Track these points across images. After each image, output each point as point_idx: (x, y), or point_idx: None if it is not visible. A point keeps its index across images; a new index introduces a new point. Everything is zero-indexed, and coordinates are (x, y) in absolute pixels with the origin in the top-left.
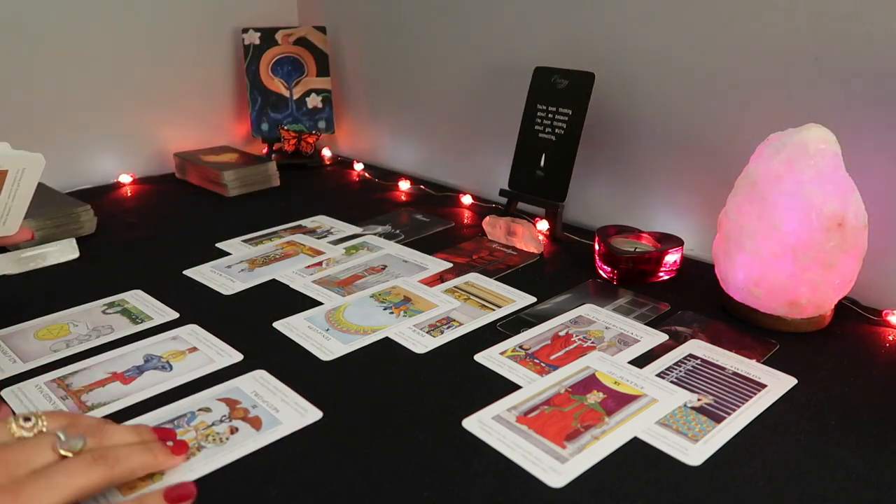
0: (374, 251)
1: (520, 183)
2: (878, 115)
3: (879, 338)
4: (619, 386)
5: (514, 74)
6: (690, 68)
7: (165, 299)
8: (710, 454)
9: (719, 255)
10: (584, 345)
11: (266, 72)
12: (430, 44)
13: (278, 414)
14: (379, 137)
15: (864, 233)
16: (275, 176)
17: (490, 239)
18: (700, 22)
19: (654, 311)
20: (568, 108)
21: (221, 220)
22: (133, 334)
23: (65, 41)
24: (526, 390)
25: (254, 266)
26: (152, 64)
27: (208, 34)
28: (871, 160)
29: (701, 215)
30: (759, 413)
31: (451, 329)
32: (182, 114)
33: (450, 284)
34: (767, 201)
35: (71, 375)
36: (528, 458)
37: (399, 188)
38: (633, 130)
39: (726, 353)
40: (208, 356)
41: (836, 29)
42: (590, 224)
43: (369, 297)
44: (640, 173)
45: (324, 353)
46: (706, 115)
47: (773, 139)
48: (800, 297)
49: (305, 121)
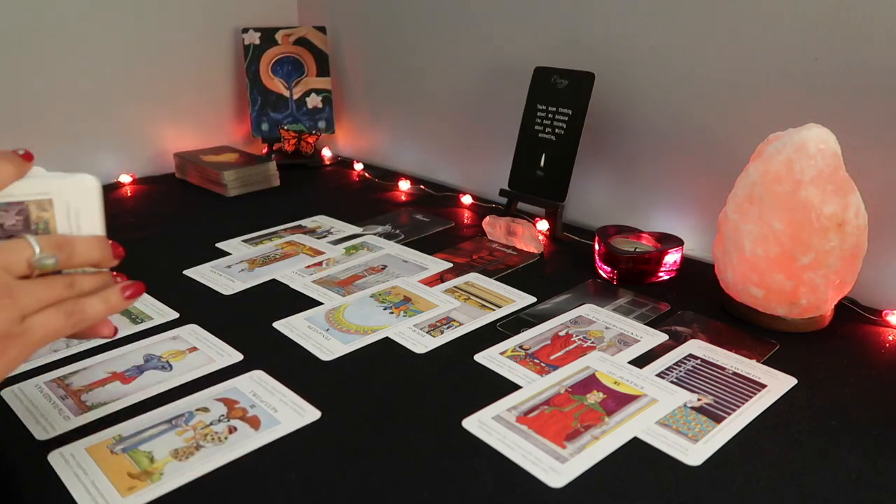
0: (374, 251)
1: (520, 183)
2: (878, 115)
3: (879, 338)
4: (619, 386)
5: (514, 74)
6: (690, 68)
7: (165, 299)
8: (710, 454)
9: (719, 255)
10: (584, 345)
11: (266, 72)
12: (430, 44)
13: (277, 414)
14: (379, 137)
15: (864, 233)
16: (275, 176)
17: (490, 239)
18: (700, 22)
19: (654, 311)
20: (568, 108)
21: (221, 220)
22: (133, 334)
23: (65, 41)
24: (526, 390)
25: (254, 266)
26: (152, 64)
27: (208, 34)
28: (871, 160)
29: (701, 215)
30: (759, 413)
31: (451, 329)
32: (182, 114)
33: (450, 284)
34: (767, 201)
35: (71, 375)
36: (528, 458)
37: (399, 188)
38: (633, 130)
39: (726, 353)
40: (208, 356)
41: (836, 29)
42: (590, 224)
43: (369, 297)
44: (640, 173)
45: (324, 353)
46: (706, 115)
47: (773, 139)
48: (800, 297)
49: (305, 121)
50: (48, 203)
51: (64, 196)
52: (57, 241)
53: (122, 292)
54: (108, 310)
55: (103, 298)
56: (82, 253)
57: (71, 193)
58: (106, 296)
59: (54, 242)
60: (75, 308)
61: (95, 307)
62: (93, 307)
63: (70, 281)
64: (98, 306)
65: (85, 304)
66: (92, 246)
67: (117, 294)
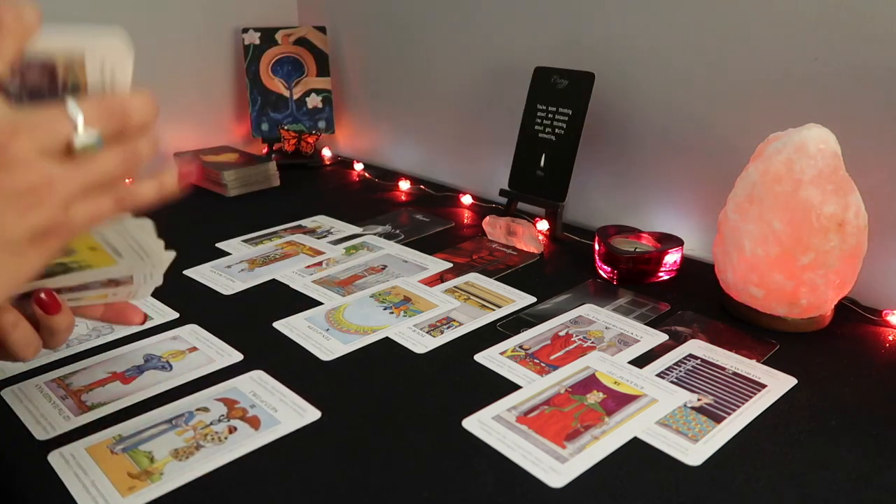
0: (374, 251)
1: (520, 183)
2: (878, 115)
3: (879, 338)
4: (619, 386)
5: (514, 74)
6: (690, 68)
7: (165, 299)
8: (710, 454)
9: (719, 255)
10: (584, 345)
11: (266, 72)
12: (430, 44)
13: (277, 414)
14: (379, 137)
15: (864, 233)
16: (275, 176)
17: (490, 239)
18: (700, 22)
19: (654, 311)
20: (568, 108)
21: (221, 220)
22: (133, 334)
23: None
24: (526, 390)
25: (254, 266)
26: (152, 64)
27: (208, 34)
28: (871, 160)
29: (701, 215)
30: (759, 413)
31: (451, 329)
32: (182, 114)
33: (450, 284)
34: (767, 201)
35: (71, 375)
36: (528, 458)
37: (399, 188)
38: (633, 130)
39: (726, 353)
40: (208, 356)
41: (836, 29)
42: (590, 224)
43: (369, 297)
44: (640, 173)
45: (324, 353)
46: (706, 115)
47: (773, 139)
48: (800, 297)
49: (305, 121)
50: (80, 61)
51: (98, 52)
52: (107, 105)
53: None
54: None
55: (158, 183)
56: (138, 113)
57: (106, 50)
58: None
59: (103, 108)
60: (127, 193)
61: (149, 190)
62: (146, 192)
63: (125, 152)
64: (151, 189)
65: (138, 188)
66: (146, 104)
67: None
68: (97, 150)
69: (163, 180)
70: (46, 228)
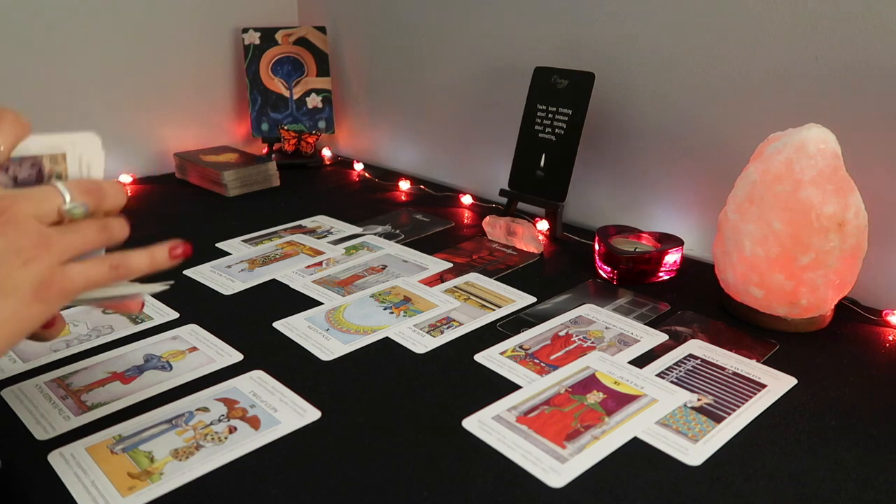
0: (374, 251)
1: (520, 183)
2: (878, 115)
3: (879, 338)
4: (619, 386)
5: (514, 74)
6: (690, 68)
7: (165, 299)
8: (710, 454)
9: (719, 255)
10: (584, 345)
11: (266, 72)
12: (430, 44)
13: (277, 414)
14: (379, 137)
15: (864, 233)
16: (275, 176)
17: (490, 239)
18: (700, 22)
19: (654, 311)
20: (568, 108)
21: (221, 220)
22: (133, 334)
23: (64, 41)
24: (526, 390)
25: (254, 266)
26: (152, 64)
27: (208, 34)
28: (871, 160)
29: (701, 215)
30: (759, 413)
31: (451, 329)
32: (182, 114)
33: (450, 284)
34: (767, 201)
35: (71, 375)
36: (528, 458)
37: (399, 188)
38: (633, 130)
39: (726, 353)
40: (208, 356)
41: (837, 29)
42: (590, 224)
43: (369, 297)
44: (640, 173)
45: (324, 353)
46: (706, 115)
47: (773, 139)
48: (800, 297)
49: (305, 121)
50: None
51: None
52: (87, 186)
53: (169, 250)
54: (152, 265)
55: (149, 254)
56: (112, 197)
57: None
58: (152, 252)
59: (84, 188)
60: (120, 261)
61: (141, 261)
62: (138, 261)
63: (102, 224)
64: (143, 261)
65: (130, 258)
66: (119, 190)
67: (164, 251)
68: (83, 216)
69: (154, 254)
70: (46, 280)
